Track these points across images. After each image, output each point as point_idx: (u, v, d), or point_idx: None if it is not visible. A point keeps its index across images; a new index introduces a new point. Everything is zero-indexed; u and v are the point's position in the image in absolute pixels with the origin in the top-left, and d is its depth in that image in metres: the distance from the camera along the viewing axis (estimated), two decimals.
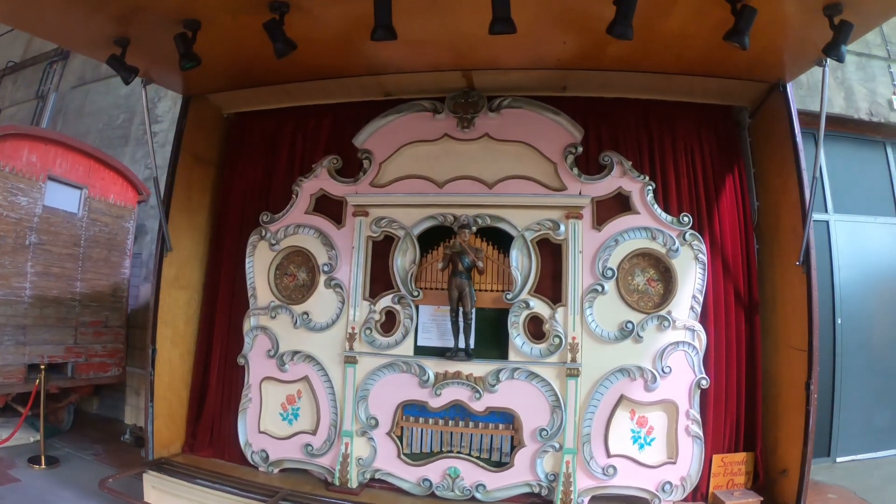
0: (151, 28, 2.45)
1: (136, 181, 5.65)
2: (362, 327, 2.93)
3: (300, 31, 2.31)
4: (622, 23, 1.95)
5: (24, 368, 4.56)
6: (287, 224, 3.14)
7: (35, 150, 4.90)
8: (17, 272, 4.64)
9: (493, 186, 2.93)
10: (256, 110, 3.50)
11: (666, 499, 2.64)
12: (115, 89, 7.33)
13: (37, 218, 4.86)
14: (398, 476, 2.85)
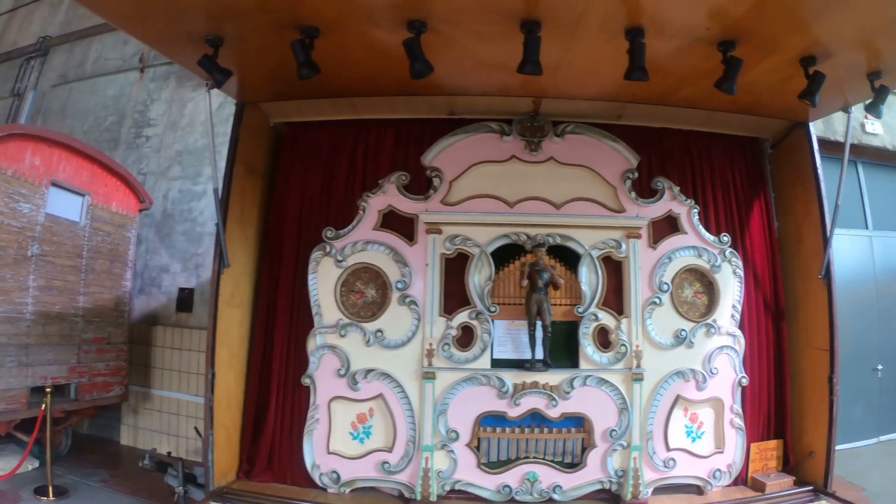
0: (251, 29, 2.13)
1: (139, 188, 4.98)
2: (440, 343, 2.83)
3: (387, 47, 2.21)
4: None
5: (28, 392, 4.05)
6: (355, 240, 2.93)
7: (38, 153, 4.36)
8: (19, 286, 4.09)
9: (560, 207, 2.97)
10: (310, 121, 3.18)
11: (716, 484, 2.86)
12: (103, 89, 6.39)
13: (39, 227, 4.31)
14: (478, 485, 2.81)
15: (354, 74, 2.73)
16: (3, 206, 4.02)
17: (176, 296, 5.42)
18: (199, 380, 5.12)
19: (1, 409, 3.90)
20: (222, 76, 2.30)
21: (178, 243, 5.52)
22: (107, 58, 6.61)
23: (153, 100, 6.12)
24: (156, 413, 5.29)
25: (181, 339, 5.27)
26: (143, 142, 5.92)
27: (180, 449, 5.09)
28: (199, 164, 5.65)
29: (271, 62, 2.56)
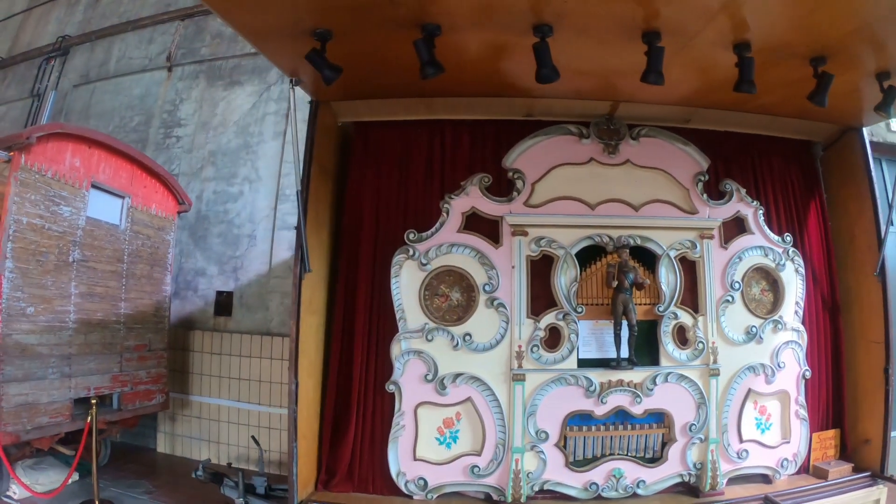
0: (365, 25, 1.93)
1: (178, 189, 4.65)
2: (528, 345, 2.74)
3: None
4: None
5: (71, 404, 3.77)
6: (439, 243, 2.78)
7: (78, 153, 4.06)
8: (61, 294, 3.81)
9: (638, 209, 2.93)
10: (381, 120, 2.95)
11: (784, 473, 2.91)
12: (128, 89, 5.93)
13: (80, 231, 4.01)
14: (566, 484, 2.78)
15: (446, 75, 2.53)
16: (44, 210, 3.73)
17: (213, 299, 5.08)
18: (241, 385, 4.83)
19: (45, 423, 3.66)
20: (332, 73, 2.10)
21: (214, 246, 5.17)
22: (131, 57, 6.10)
23: (182, 99, 5.68)
24: (195, 420, 4.98)
25: (220, 344, 4.97)
26: (174, 142, 5.51)
27: (222, 456, 4.81)
28: (233, 165, 5.28)
29: (373, 59, 2.33)
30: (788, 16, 2.07)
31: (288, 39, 2.19)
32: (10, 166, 3.49)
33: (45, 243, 3.70)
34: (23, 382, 3.46)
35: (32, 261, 3.63)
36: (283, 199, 4.96)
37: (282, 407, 4.65)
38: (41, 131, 3.66)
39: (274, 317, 4.78)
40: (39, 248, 3.66)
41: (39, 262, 3.67)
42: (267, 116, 5.31)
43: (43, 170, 3.69)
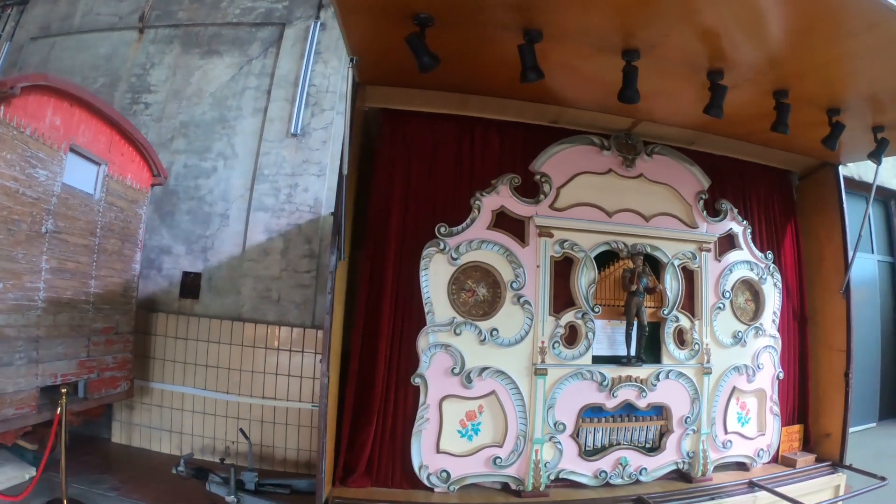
0: (467, 21, 2.07)
1: (155, 159, 4.40)
2: (550, 341, 2.95)
3: None
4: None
5: (38, 393, 3.49)
6: (470, 238, 2.95)
7: (60, 111, 3.75)
8: (32, 268, 3.52)
9: (648, 220, 3.28)
10: (411, 110, 3.08)
11: (760, 462, 3.38)
12: (93, 47, 5.49)
13: (55, 198, 3.73)
14: (579, 472, 3.03)
15: (470, 69, 2.70)
16: (19, 172, 3.37)
17: (179, 280, 4.82)
18: (208, 372, 4.63)
19: (10, 415, 3.32)
20: (431, 60, 2.18)
21: (183, 223, 4.91)
22: (98, 13, 5.64)
23: (153, 64, 5.34)
24: (155, 408, 4.71)
25: (186, 328, 4.72)
26: (142, 109, 5.17)
27: (184, 447, 4.61)
28: (207, 139, 5.05)
29: (451, 52, 2.39)
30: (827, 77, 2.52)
31: (381, 18, 2.20)
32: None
33: (17, 210, 3.33)
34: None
35: (3, 229, 3.25)
36: (261, 178, 4.82)
37: (253, 396, 4.52)
38: (25, 81, 3.25)
39: (246, 301, 4.64)
40: (11, 214, 3.29)
41: (10, 232, 3.30)
42: (247, 91, 5.14)
43: (22, 126, 3.34)
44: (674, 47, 2.40)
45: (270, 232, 4.63)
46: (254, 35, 5.25)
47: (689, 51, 2.44)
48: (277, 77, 4.98)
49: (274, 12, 5.26)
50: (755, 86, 2.68)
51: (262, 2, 5.34)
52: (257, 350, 4.55)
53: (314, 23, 5.10)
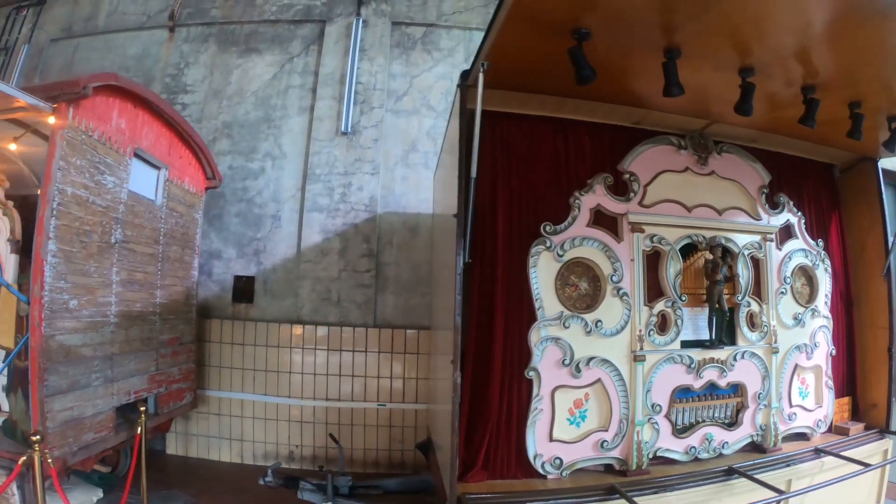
0: (619, 38, 2.31)
1: (210, 162, 4.39)
2: (646, 329, 3.26)
3: None
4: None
5: (114, 414, 3.53)
6: (573, 236, 3.22)
7: (125, 113, 3.74)
8: (104, 282, 3.53)
9: (721, 213, 3.63)
10: (507, 112, 3.29)
11: (818, 431, 3.80)
12: (121, 47, 5.42)
13: (122, 206, 3.72)
14: (672, 449, 3.36)
15: (614, 82, 2.95)
16: (89, 180, 3.34)
17: (231, 285, 4.85)
18: (267, 377, 4.72)
19: (90, 440, 3.32)
20: (591, 73, 2.37)
21: (232, 226, 4.93)
22: (124, 12, 5.52)
23: (188, 63, 5.29)
24: (213, 417, 4.75)
25: (243, 333, 4.78)
26: (179, 109, 5.15)
27: (246, 455, 4.68)
28: (252, 139, 5.07)
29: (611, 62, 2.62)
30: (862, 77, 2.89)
31: (540, 29, 2.37)
32: (56, 121, 3.06)
33: (88, 220, 3.28)
34: (67, 394, 3.12)
35: (76, 242, 3.22)
36: (312, 178, 4.91)
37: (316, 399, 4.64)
38: (97, 81, 3.21)
39: (305, 304, 4.74)
40: (83, 225, 3.25)
41: (83, 244, 3.27)
42: (290, 89, 5.19)
43: (90, 129, 3.28)
44: (781, 68, 2.71)
45: (327, 232, 4.72)
46: (293, 32, 5.26)
47: (790, 70, 2.77)
48: (322, 75, 5.03)
49: (313, 9, 5.30)
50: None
51: None
52: (319, 352, 4.67)
53: (356, 20, 5.18)
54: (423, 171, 4.72)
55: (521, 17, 2.30)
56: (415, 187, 4.68)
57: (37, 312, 2.99)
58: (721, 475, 3.32)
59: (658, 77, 2.79)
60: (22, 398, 3.21)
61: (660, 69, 2.73)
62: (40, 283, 2.98)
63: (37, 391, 2.95)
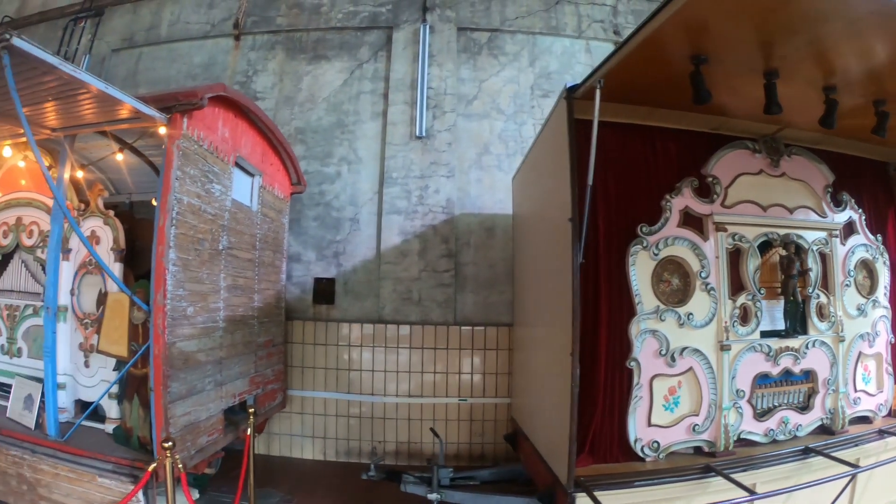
0: (729, 65, 2.63)
1: (297, 167, 4.64)
2: (731, 321, 3.61)
3: None
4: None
5: (222, 416, 3.75)
6: (666, 236, 3.56)
7: (228, 123, 3.90)
8: (214, 288, 3.74)
9: (792, 212, 3.96)
10: (600, 120, 3.61)
11: (880, 415, 4.15)
12: (186, 56, 5.65)
13: (227, 214, 3.90)
14: (754, 432, 3.73)
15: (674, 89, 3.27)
16: (200, 189, 3.56)
17: (312, 287, 5.15)
18: (350, 375, 5.03)
19: (204, 443, 3.50)
20: (707, 94, 2.69)
21: (311, 229, 5.22)
22: (187, 21, 5.75)
23: (256, 71, 5.54)
24: (295, 416, 5.06)
25: (325, 334, 5.08)
26: None
27: (328, 452, 4.98)
28: (327, 144, 5.36)
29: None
30: None
31: (667, 54, 2.69)
32: (170, 131, 3.24)
33: (201, 228, 3.49)
34: (186, 399, 3.32)
35: (191, 250, 3.42)
36: (389, 182, 5.21)
37: (399, 396, 4.96)
38: (210, 91, 3.39)
39: (387, 304, 5.04)
40: (197, 234, 3.47)
41: (197, 252, 3.48)
42: (362, 95, 5.47)
43: (201, 139, 3.45)
44: (860, 85, 3.05)
45: (405, 234, 5.03)
46: (361, 39, 5.53)
47: (867, 86, 3.10)
48: (393, 81, 5.31)
49: (379, 16, 5.56)
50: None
51: (365, 6, 5.62)
52: (401, 350, 4.99)
53: (423, 26, 5.45)
54: (497, 173, 5.03)
55: (653, 46, 2.62)
56: (489, 189, 4.98)
57: (160, 320, 3.14)
58: (799, 454, 3.69)
59: (744, 91, 3.12)
60: (139, 405, 3.37)
61: (748, 85, 3.07)
62: (163, 291, 3.15)
63: (161, 398, 3.08)
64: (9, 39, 2.34)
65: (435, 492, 3.65)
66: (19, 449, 3.52)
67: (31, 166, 4.37)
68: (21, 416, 3.77)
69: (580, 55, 5.33)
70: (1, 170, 4.60)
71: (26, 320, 4.25)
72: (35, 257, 4.27)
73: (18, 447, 3.52)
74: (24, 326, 4.24)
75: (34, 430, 3.63)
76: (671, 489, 3.31)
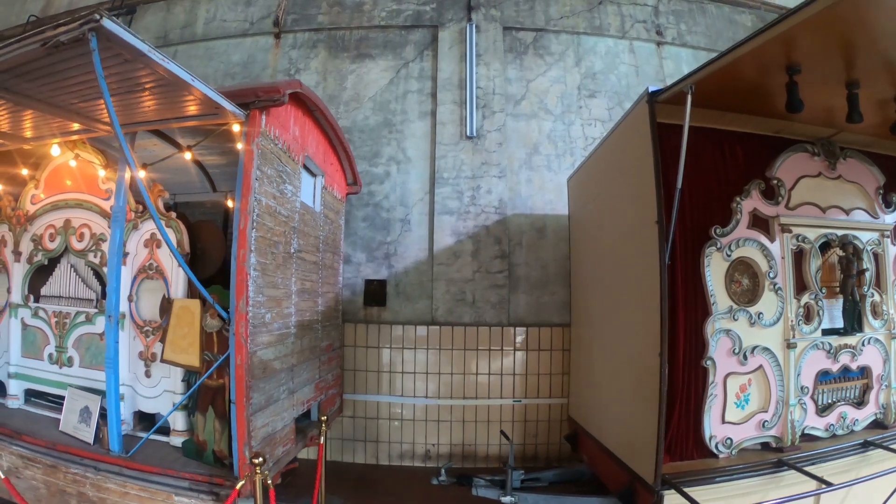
0: (820, 75, 2.78)
1: (353, 167, 4.64)
2: (796, 319, 3.79)
3: None
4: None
5: (294, 425, 3.69)
6: (737, 238, 3.73)
7: (297, 121, 3.78)
8: (286, 293, 3.67)
9: (848, 213, 4.15)
10: (671, 123, 3.75)
11: None
12: (223, 54, 5.63)
13: (297, 216, 3.82)
14: (816, 427, 3.94)
15: (768, 100, 3.43)
16: (276, 189, 3.47)
17: (362, 288, 5.20)
18: (404, 378, 5.10)
19: (281, 454, 3.44)
20: (800, 104, 2.83)
21: (360, 230, 5.27)
22: (224, 19, 5.72)
23: (298, 69, 5.55)
24: (346, 420, 5.10)
25: (378, 336, 5.14)
26: None
27: (381, 456, 5.05)
28: (374, 144, 5.40)
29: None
30: None
31: (761, 66, 2.84)
32: (249, 129, 3.15)
33: (276, 231, 3.43)
34: (265, 410, 3.27)
35: (269, 254, 3.35)
36: (440, 182, 5.27)
37: (453, 398, 5.05)
38: (289, 87, 3.29)
39: (440, 305, 5.12)
40: (273, 236, 3.41)
41: (273, 256, 3.42)
42: (409, 94, 5.51)
43: (276, 137, 3.35)
44: None
45: (458, 235, 5.11)
46: (405, 38, 5.58)
47: None
48: (440, 80, 5.37)
49: (423, 15, 5.61)
50: None
51: (408, 4, 5.66)
52: (456, 352, 5.07)
53: (469, 25, 5.52)
54: (546, 173, 5.14)
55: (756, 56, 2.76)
56: (539, 189, 5.10)
57: (242, 329, 3.05)
58: (859, 447, 3.91)
59: (811, 98, 3.29)
60: (214, 417, 3.28)
61: (818, 93, 3.23)
62: (245, 297, 3.06)
63: (243, 410, 3.00)
64: (98, 20, 2.17)
65: (509, 494, 3.76)
66: (80, 466, 3.37)
67: (82, 166, 4.30)
68: (77, 429, 3.67)
69: (624, 55, 5.48)
70: (45, 170, 4.49)
71: (78, 328, 4.13)
72: (87, 261, 4.18)
73: (79, 464, 3.38)
74: (75, 334, 4.14)
75: (93, 444, 3.53)
76: (748, 484, 3.49)
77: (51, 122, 3.73)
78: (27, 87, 3.01)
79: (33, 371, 4.29)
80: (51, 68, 2.74)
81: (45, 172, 4.47)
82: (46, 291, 4.36)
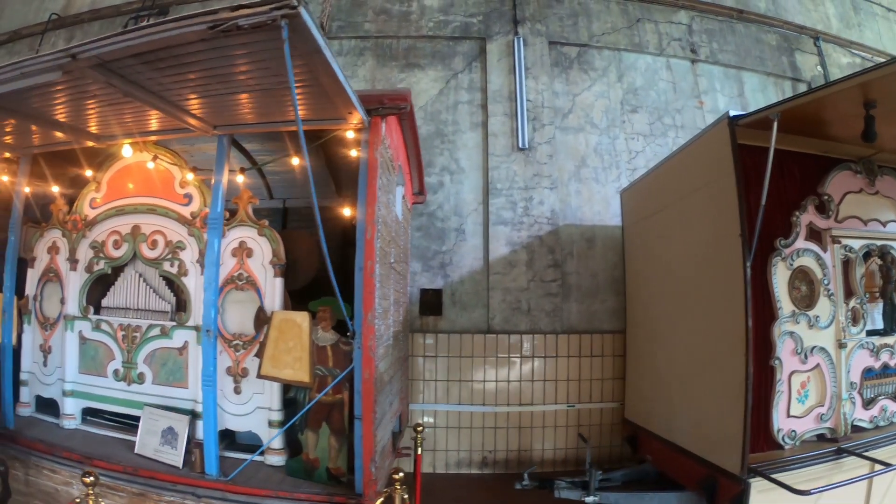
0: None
1: (422, 176, 4.89)
2: (846, 322, 4.34)
3: None
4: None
5: (392, 437, 3.86)
6: (798, 248, 4.26)
7: (395, 129, 3.82)
8: (389, 304, 3.81)
9: (885, 225, 4.74)
10: (745, 144, 4.23)
11: None
12: None
13: (394, 225, 3.97)
14: (862, 419, 4.49)
15: (831, 126, 3.94)
16: (385, 198, 3.52)
17: (418, 298, 5.42)
18: (461, 386, 5.36)
19: (385, 467, 3.51)
20: (874, 134, 3.30)
21: (414, 239, 5.50)
22: None
23: (347, 77, 5.63)
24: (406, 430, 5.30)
25: (435, 345, 5.37)
26: None
27: (438, 464, 5.30)
28: (427, 154, 5.65)
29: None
30: None
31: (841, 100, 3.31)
32: (371, 136, 3.15)
33: (386, 240, 3.58)
34: (380, 424, 3.32)
35: (384, 264, 3.50)
36: (494, 193, 5.58)
37: (510, 405, 5.36)
38: (407, 95, 3.34)
39: (496, 314, 5.43)
40: (386, 246, 3.56)
41: (383, 266, 3.69)
42: (459, 105, 5.78)
43: (388, 146, 3.46)
44: None
45: (513, 245, 5.41)
46: (453, 49, 5.84)
47: None
48: (491, 92, 5.66)
49: (470, 27, 5.90)
50: None
51: (456, 16, 5.94)
52: (512, 360, 5.38)
53: (516, 39, 5.84)
54: (594, 185, 5.53)
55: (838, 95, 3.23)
56: (588, 200, 5.48)
57: (371, 342, 3.07)
58: None
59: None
60: (329, 434, 3.29)
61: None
62: (373, 310, 3.10)
63: (371, 425, 3.02)
64: (296, 7, 1.99)
65: (592, 494, 4.09)
66: (175, 493, 3.28)
67: (157, 168, 4.15)
68: (158, 452, 3.57)
69: (662, 72, 5.96)
70: (108, 172, 4.31)
71: (151, 342, 3.99)
72: (162, 271, 4.00)
73: (171, 490, 3.29)
74: (147, 349, 4.00)
75: (181, 468, 3.42)
76: (815, 470, 3.97)
77: (141, 117, 3.53)
78: (141, 76, 2.74)
79: (93, 388, 4.09)
80: (177, 59, 2.53)
81: (108, 174, 4.27)
82: (109, 303, 4.19)
